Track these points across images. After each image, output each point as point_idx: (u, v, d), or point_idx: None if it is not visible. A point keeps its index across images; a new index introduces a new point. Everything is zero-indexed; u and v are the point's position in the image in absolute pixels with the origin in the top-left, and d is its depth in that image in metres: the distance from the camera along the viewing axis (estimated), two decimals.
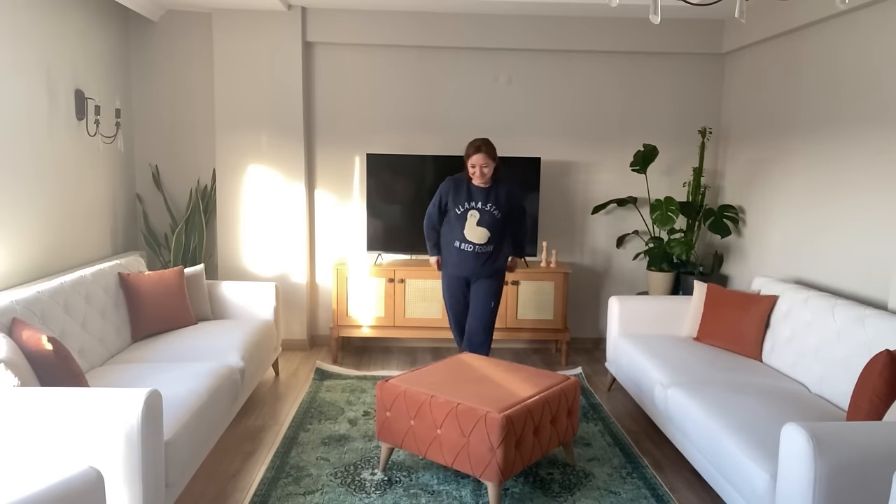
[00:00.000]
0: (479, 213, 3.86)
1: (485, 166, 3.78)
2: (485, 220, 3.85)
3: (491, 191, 3.87)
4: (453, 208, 3.89)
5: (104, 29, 4.56)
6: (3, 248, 3.47)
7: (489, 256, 3.91)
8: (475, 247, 3.87)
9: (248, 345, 3.68)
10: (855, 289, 3.50)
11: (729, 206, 4.76)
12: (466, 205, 3.86)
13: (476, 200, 3.86)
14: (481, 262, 3.91)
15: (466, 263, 3.92)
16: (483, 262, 3.91)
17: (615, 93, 5.10)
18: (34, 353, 2.54)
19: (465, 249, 3.90)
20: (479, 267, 3.92)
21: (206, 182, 5.09)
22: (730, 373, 3.37)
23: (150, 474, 2.32)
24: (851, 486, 2.08)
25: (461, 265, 3.94)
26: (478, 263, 3.91)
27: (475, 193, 3.87)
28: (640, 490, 3.05)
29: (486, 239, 3.86)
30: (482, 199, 3.86)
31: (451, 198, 3.89)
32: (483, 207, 3.85)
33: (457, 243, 3.91)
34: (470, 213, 3.86)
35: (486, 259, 3.91)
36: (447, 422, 2.82)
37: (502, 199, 3.87)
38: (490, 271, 3.94)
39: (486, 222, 3.85)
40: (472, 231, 3.87)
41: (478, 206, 3.86)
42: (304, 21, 4.83)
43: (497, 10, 4.77)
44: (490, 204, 3.85)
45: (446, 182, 3.94)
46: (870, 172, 3.44)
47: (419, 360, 4.90)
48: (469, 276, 3.97)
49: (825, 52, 3.83)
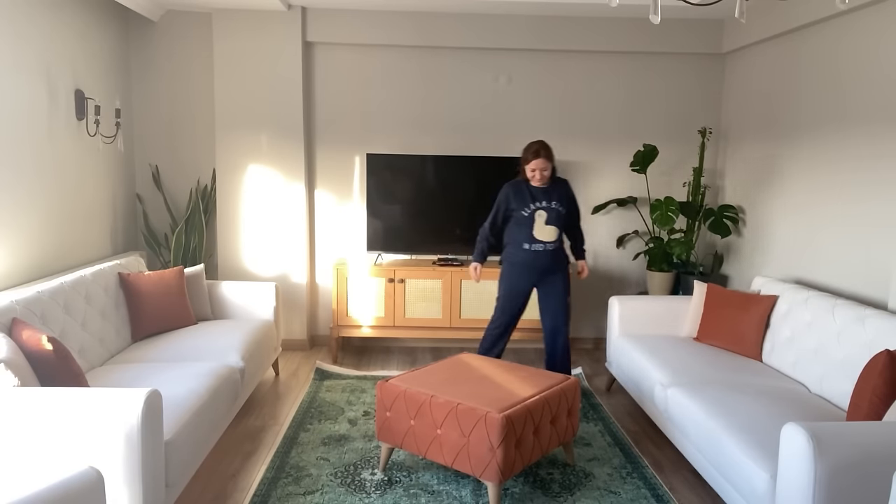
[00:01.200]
0: (546, 213, 3.89)
1: (544, 169, 3.84)
2: (552, 217, 3.90)
3: (552, 189, 3.93)
4: (519, 211, 3.91)
5: (104, 29, 4.56)
6: (3, 248, 3.47)
7: (557, 252, 3.97)
8: (545, 245, 3.91)
9: (248, 345, 3.68)
10: (855, 289, 3.50)
11: (729, 206, 4.76)
12: (532, 206, 3.89)
13: (540, 200, 3.90)
14: (552, 259, 3.95)
15: (538, 262, 3.93)
16: (553, 258, 3.95)
17: (615, 93, 5.11)
18: (34, 353, 2.54)
19: (535, 250, 3.91)
20: (551, 264, 3.95)
21: (206, 182, 5.09)
22: (730, 373, 3.36)
23: (150, 474, 2.32)
24: (851, 486, 2.08)
25: (532, 265, 3.94)
26: (549, 261, 3.94)
27: (537, 194, 3.90)
28: (640, 490, 3.05)
29: (555, 236, 3.91)
30: (545, 198, 3.90)
31: (515, 202, 3.92)
32: (549, 206, 3.90)
33: (526, 245, 3.92)
34: (537, 213, 3.89)
35: (555, 255, 3.96)
36: (447, 422, 2.82)
37: (563, 195, 3.95)
38: (561, 266, 4.00)
39: (553, 220, 3.90)
40: (542, 230, 3.90)
41: (543, 205, 3.90)
42: (304, 21, 4.83)
43: (497, 10, 4.77)
44: (554, 202, 3.91)
45: (505, 189, 3.97)
46: (870, 172, 3.44)
47: (419, 360, 4.90)
48: (538, 276, 3.97)
49: (825, 52, 3.83)
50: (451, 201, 4.96)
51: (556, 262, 3.96)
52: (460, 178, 4.94)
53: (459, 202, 4.95)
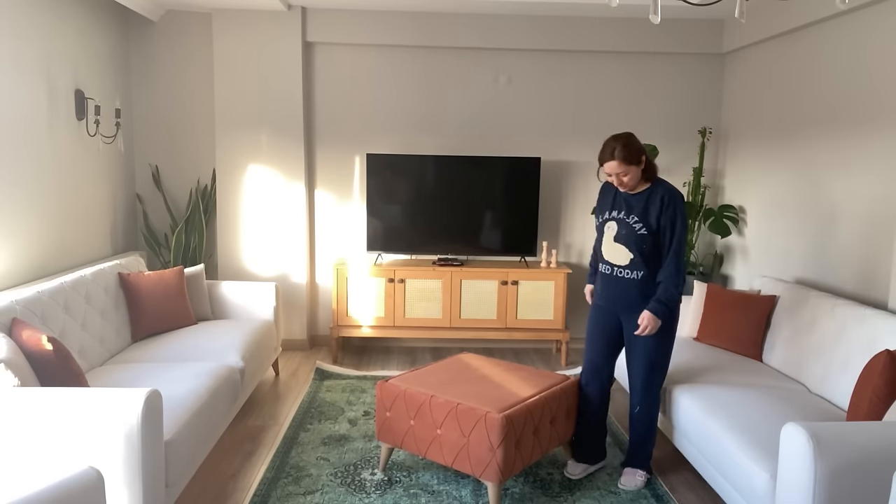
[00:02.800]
0: (616, 225, 2.97)
1: (623, 174, 2.88)
2: (622, 234, 2.95)
3: (642, 197, 2.94)
4: (598, 217, 3.10)
5: (104, 29, 4.56)
6: (4, 248, 3.47)
7: (633, 287, 2.95)
8: (613, 269, 3.00)
9: (248, 345, 3.68)
10: (855, 289, 3.50)
11: (729, 206, 4.76)
12: (608, 213, 3.03)
13: (619, 209, 2.98)
14: (622, 290, 2.98)
15: (608, 291, 3.05)
16: (625, 291, 2.97)
17: (615, 93, 5.10)
18: (34, 353, 2.54)
19: (604, 273, 3.05)
20: (621, 298, 3.00)
21: (206, 182, 5.09)
22: (730, 373, 3.36)
23: (150, 474, 2.32)
24: (851, 486, 2.08)
25: (602, 293, 3.09)
26: (618, 292, 3.00)
27: (620, 200, 3.00)
28: (640, 490, 3.05)
29: (626, 260, 2.94)
30: (626, 207, 2.96)
31: (599, 204, 3.12)
32: (623, 218, 2.95)
33: (600, 266, 3.09)
34: (608, 224, 3.01)
35: (629, 288, 2.96)
36: (447, 422, 2.82)
37: (652, 210, 2.89)
38: (637, 306, 2.94)
39: (623, 237, 2.94)
40: (610, 248, 3.01)
41: (617, 215, 2.98)
42: (304, 21, 4.83)
43: (497, 10, 4.77)
44: (633, 214, 2.92)
45: (603, 185, 3.13)
46: (870, 172, 3.44)
47: (419, 360, 4.90)
48: (619, 310, 3.05)
49: (825, 52, 3.83)
50: (451, 201, 4.95)
51: (633, 293, 2.95)
52: (460, 178, 4.94)
53: (459, 202, 4.95)
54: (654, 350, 2.97)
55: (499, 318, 4.83)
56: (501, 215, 4.97)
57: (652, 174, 2.95)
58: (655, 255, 2.91)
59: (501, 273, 4.80)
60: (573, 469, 3.15)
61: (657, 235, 2.89)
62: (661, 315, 2.88)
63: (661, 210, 2.88)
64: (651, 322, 2.87)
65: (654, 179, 2.95)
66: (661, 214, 2.87)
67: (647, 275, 2.92)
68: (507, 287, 4.79)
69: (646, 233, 2.88)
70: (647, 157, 2.91)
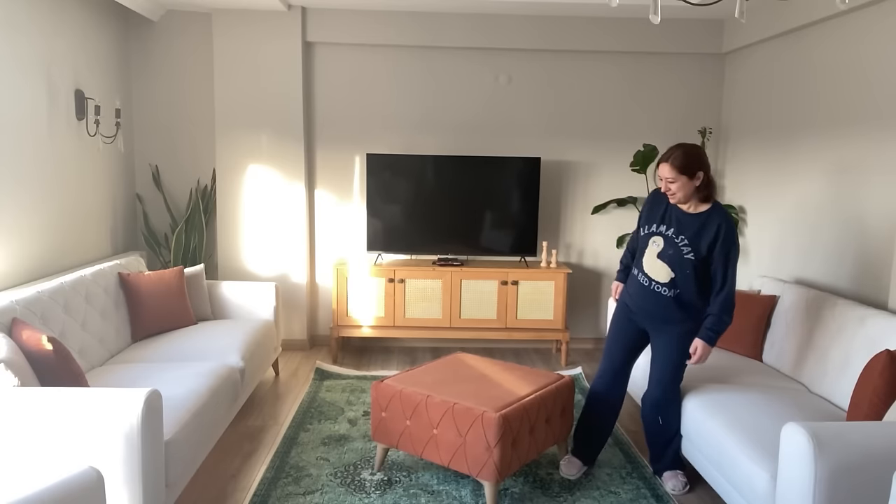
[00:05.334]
0: (663, 242, 2.90)
1: (671, 181, 2.81)
2: (667, 253, 2.88)
3: (698, 220, 2.85)
4: (643, 226, 3.03)
5: (104, 29, 4.56)
6: (4, 248, 3.47)
7: (671, 303, 2.92)
8: (651, 283, 2.95)
9: (248, 345, 3.68)
10: (855, 289, 3.50)
11: (729, 206, 4.76)
12: (656, 227, 2.95)
13: (669, 224, 2.90)
14: (656, 304, 2.96)
15: (638, 299, 3.03)
16: (658, 304, 2.95)
17: (615, 93, 5.10)
18: (34, 353, 2.54)
19: (641, 282, 3.00)
20: (653, 309, 2.98)
21: (206, 182, 5.09)
22: (730, 373, 3.36)
23: (150, 474, 2.32)
24: (851, 486, 2.08)
25: (634, 300, 3.06)
26: (650, 303, 2.97)
27: (672, 216, 2.91)
28: (640, 490, 3.05)
29: (667, 278, 2.89)
30: (677, 225, 2.88)
31: (647, 213, 3.04)
32: (672, 236, 2.88)
33: (635, 271, 3.07)
34: (653, 238, 2.94)
35: (666, 305, 2.93)
36: (443, 422, 2.82)
37: (705, 236, 2.81)
38: (677, 317, 2.93)
39: (668, 257, 2.88)
40: (651, 262, 2.95)
41: (666, 231, 2.91)
42: (304, 21, 4.83)
43: (497, 10, 4.77)
44: (683, 235, 2.85)
45: (650, 193, 3.10)
46: (870, 172, 3.44)
47: (419, 361, 4.90)
48: (644, 319, 3.04)
49: (825, 52, 3.83)
50: (451, 201, 4.96)
51: (668, 309, 2.93)
52: (460, 178, 4.94)
53: (459, 202, 4.95)
54: (680, 352, 2.97)
55: (499, 319, 4.84)
56: (501, 215, 4.97)
57: (710, 195, 2.86)
58: (695, 278, 2.86)
59: (501, 273, 4.80)
60: (570, 469, 3.14)
61: (704, 261, 2.83)
62: (712, 344, 2.89)
63: (716, 240, 2.80)
64: (704, 351, 2.88)
65: (711, 202, 2.86)
66: (714, 243, 2.80)
67: (683, 293, 2.89)
68: (507, 287, 4.79)
69: (693, 258, 2.82)
70: (707, 176, 2.82)
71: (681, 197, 2.84)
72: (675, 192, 2.83)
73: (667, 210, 2.93)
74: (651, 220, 2.99)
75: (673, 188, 2.82)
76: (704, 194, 2.84)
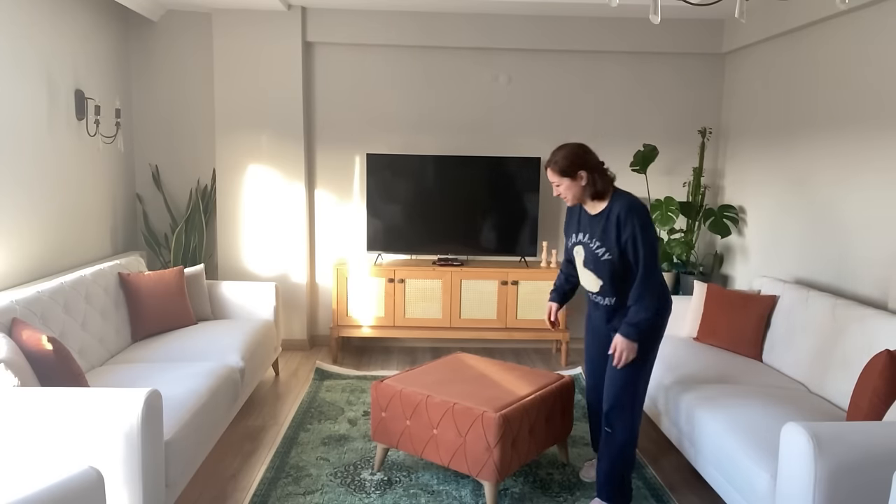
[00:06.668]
0: (583, 250, 2.77)
1: (557, 185, 2.71)
2: (589, 260, 2.74)
3: (600, 218, 2.69)
4: (567, 238, 2.91)
5: (104, 29, 4.56)
6: (4, 248, 3.47)
7: (613, 314, 2.78)
8: (593, 294, 2.84)
9: (248, 345, 3.68)
10: (855, 289, 3.50)
11: (729, 206, 4.76)
12: (574, 236, 2.83)
13: (583, 231, 2.77)
14: (600, 316, 2.85)
15: (594, 316, 2.93)
16: (603, 317, 2.84)
17: (615, 93, 5.10)
18: (34, 353, 2.54)
19: (587, 296, 2.90)
20: (599, 323, 2.89)
21: (206, 182, 5.09)
22: (730, 373, 3.36)
23: (150, 474, 2.32)
24: (851, 486, 2.08)
25: (590, 315, 2.97)
26: (598, 316, 2.88)
27: (584, 222, 2.77)
28: (640, 490, 3.05)
29: (596, 287, 2.76)
30: (589, 230, 2.74)
31: (566, 224, 2.92)
32: (587, 242, 2.74)
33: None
34: (576, 248, 2.82)
35: (611, 315, 2.80)
36: (443, 422, 2.82)
37: (610, 231, 2.64)
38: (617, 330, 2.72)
39: (591, 264, 2.73)
40: (581, 273, 2.84)
41: (581, 238, 2.78)
42: (304, 21, 4.83)
43: (497, 10, 4.77)
44: (594, 239, 2.70)
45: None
46: (870, 172, 3.44)
47: (419, 361, 4.90)
48: (605, 334, 2.87)
49: (825, 52, 3.83)
50: (451, 201, 4.96)
51: (613, 320, 2.79)
52: (460, 178, 4.94)
53: (459, 202, 4.95)
54: (631, 370, 2.68)
55: (499, 318, 4.84)
56: (501, 215, 4.97)
57: (604, 192, 2.66)
58: (623, 279, 2.66)
59: (501, 273, 4.80)
60: (591, 474, 3.12)
61: (624, 257, 2.63)
62: (634, 338, 2.61)
63: (619, 229, 2.60)
64: (624, 346, 2.62)
65: (608, 197, 2.67)
66: (619, 234, 2.61)
67: (619, 299, 2.72)
68: (507, 287, 4.79)
69: (609, 258, 2.64)
70: (592, 174, 2.64)
71: (571, 198, 2.72)
72: (565, 195, 2.71)
73: (580, 217, 2.80)
74: (569, 230, 2.87)
75: (561, 191, 2.71)
76: (596, 191, 2.66)
